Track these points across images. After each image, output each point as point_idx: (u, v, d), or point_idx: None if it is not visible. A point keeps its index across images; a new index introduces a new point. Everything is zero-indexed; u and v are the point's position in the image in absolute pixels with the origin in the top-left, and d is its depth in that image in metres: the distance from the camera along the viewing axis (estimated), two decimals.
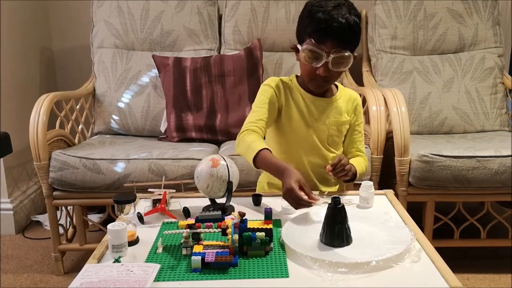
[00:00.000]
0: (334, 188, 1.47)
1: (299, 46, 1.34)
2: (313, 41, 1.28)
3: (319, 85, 1.37)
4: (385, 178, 2.04)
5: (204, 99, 2.31)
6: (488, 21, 2.50)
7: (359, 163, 1.43)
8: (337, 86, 1.47)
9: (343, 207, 1.02)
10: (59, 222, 2.09)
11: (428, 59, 2.49)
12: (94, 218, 2.37)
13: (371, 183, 1.24)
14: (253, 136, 1.31)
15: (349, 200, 1.28)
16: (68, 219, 2.18)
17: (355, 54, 1.32)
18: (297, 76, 1.45)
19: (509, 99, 2.49)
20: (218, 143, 2.27)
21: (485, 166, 1.87)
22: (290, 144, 1.42)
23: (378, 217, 1.14)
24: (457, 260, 1.98)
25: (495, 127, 2.41)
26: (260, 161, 1.24)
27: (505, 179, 1.88)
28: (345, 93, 1.46)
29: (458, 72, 2.46)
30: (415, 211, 1.72)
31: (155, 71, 2.43)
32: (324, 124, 1.41)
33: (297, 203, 1.14)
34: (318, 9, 1.27)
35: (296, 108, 1.40)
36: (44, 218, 2.53)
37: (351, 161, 1.40)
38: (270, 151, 1.27)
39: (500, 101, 2.44)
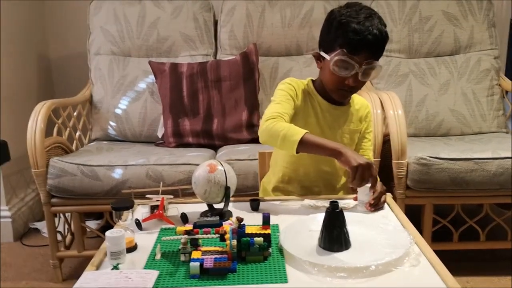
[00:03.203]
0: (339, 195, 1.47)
1: (325, 55, 1.31)
2: (346, 51, 1.25)
3: (344, 95, 1.36)
4: (383, 181, 2.00)
5: (200, 104, 2.31)
6: (484, 23, 2.51)
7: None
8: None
9: (341, 211, 1.02)
10: (57, 229, 2.09)
11: (424, 61, 2.50)
12: (92, 224, 2.36)
13: (369, 185, 1.23)
14: (286, 123, 1.25)
15: (347, 204, 1.27)
16: (66, 226, 2.18)
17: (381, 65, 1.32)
18: (312, 81, 1.42)
19: (506, 101, 2.50)
20: (215, 148, 2.27)
21: (483, 168, 1.87)
22: None
23: (376, 221, 1.14)
24: (456, 263, 1.98)
25: (492, 129, 2.42)
26: (307, 141, 1.19)
27: (503, 181, 1.88)
28: (357, 101, 1.45)
29: (454, 74, 2.47)
30: (414, 214, 1.72)
31: (151, 77, 2.44)
32: (337, 133, 1.40)
33: (369, 179, 1.13)
34: (351, 20, 1.25)
35: (313, 113, 1.38)
36: (42, 225, 2.52)
37: None
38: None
39: (497, 102, 2.45)
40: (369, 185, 1.21)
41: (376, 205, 1.23)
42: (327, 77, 1.32)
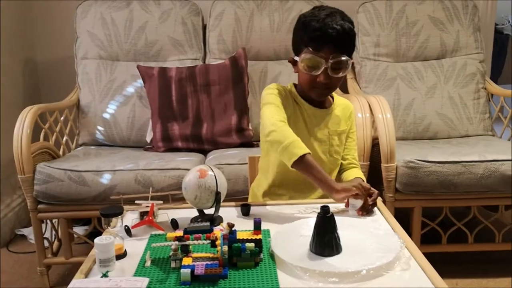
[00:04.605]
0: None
1: (296, 58, 1.35)
2: (310, 49, 1.30)
3: (321, 93, 1.38)
4: (372, 184, 2.03)
5: (189, 109, 2.31)
6: (469, 27, 2.55)
7: (360, 175, 1.44)
8: (332, 96, 1.48)
9: (332, 216, 1.02)
10: (44, 236, 2.06)
11: (411, 65, 2.53)
12: (79, 230, 2.34)
13: None
14: (295, 135, 1.28)
15: (337, 208, 1.28)
16: (53, 232, 2.15)
17: (352, 60, 1.35)
18: (294, 86, 1.45)
19: (492, 104, 2.53)
20: (205, 152, 2.26)
21: (470, 171, 1.89)
22: None
23: (367, 225, 1.14)
24: (445, 265, 1.99)
25: (479, 131, 2.44)
26: (306, 161, 1.23)
27: (491, 183, 1.90)
28: (340, 102, 1.48)
29: (441, 78, 2.49)
30: (403, 217, 1.73)
31: (140, 82, 2.42)
32: (325, 135, 1.42)
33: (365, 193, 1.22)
34: (312, 19, 1.31)
35: (301, 118, 1.41)
36: (28, 232, 2.49)
37: (351, 175, 1.43)
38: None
39: (483, 106, 2.48)
40: None
41: (367, 210, 1.24)
42: (301, 78, 1.37)
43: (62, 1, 2.74)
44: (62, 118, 2.36)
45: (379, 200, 1.32)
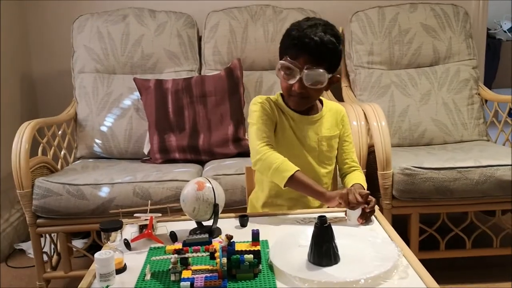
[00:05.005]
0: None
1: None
2: (288, 57, 1.33)
3: (297, 102, 1.39)
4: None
5: (186, 120, 2.32)
6: (461, 34, 2.58)
7: (361, 179, 1.44)
8: (322, 102, 1.49)
9: (329, 225, 1.03)
10: (43, 250, 2.06)
11: (405, 72, 2.55)
12: (78, 243, 2.34)
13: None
14: (281, 157, 1.33)
15: (335, 217, 1.29)
16: (52, 246, 2.15)
17: (338, 75, 1.37)
18: (282, 95, 1.47)
19: (486, 109, 2.56)
20: (202, 163, 2.27)
21: (466, 176, 1.91)
22: None
23: (364, 234, 1.15)
24: (443, 271, 2.01)
25: (474, 137, 2.46)
26: (297, 179, 1.29)
27: (487, 188, 1.92)
28: (330, 107, 1.49)
29: (435, 85, 2.52)
30: (400, 224, 1.74)
31: (136, 94, 2.44)
32: (314, 141, 1.43)
33: (356, 201, 1.21)
34: (295, 28, 1.35)
35: (288, 126, 1.42)
36: (27, 246, 2.48)
37: (352, 180, 1.44)
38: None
39: (477, 111, 2.50)
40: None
41: (366, 217, 1.25)
42: (281, 86, 1.40)
43: (59, 16, 2.76)
44: (60, 132, 2.37)
45: (376, 208, 1.33)
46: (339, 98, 2.59)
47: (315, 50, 1.29)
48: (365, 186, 1.44)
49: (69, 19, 2.60)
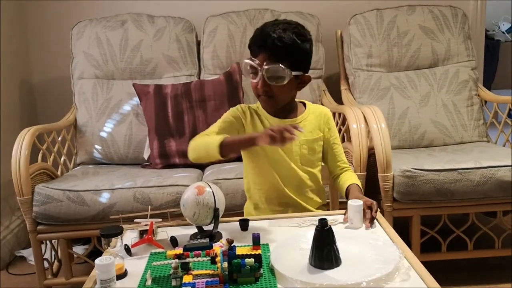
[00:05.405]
0: (317, 203, 1.48)
1: None
2: (251, 56, 1.35)
3: (265, 102, 1.40)
4: (370, 195, 2.04)
5: (186, 125, 2.32)
6: (460, 36, 2.58)
7: (354, 179, 1.44)
8: (305, 105, 1.49)
9: (330, 228, 1.03)
10: (44, 256, 2.06)
11: (404, 75, 2.55)
12: (79, 250, 2.33)
13: (361, 202, 1.23)
14: (206, 136, 1.35)
15: (335, 220, 1.28)
16: (53, 252, 2.14)
17: (308, 75, 1.37)
18: None
19: (485, 110, 2.55)
20: (202, 168, 2.27)
21: (467, 178, 1.90)
22: (265, 168, 1.42)
23: (366, 236, 1.15)
24: (445, 273, 2.00)
25: (474, 138, 2.46)
26: (226, 144, 1.26)
27: (487, 189, 1.92)
28: (313, 110, 1.48)
29: (434, 87, 2.52)
30: (402, 226, 1.74)
31: (136, 99, 2.44)
32: (296, 145, 1.41)
33: (282, 133, 1.13)
34: (258, 28, 1.38)
35: None
36: (28, 253, 2.48)
37: (345, 180, 1.43)
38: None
39: (477, 112, 2.50)
40: (359, 202, 1.22)
41: (371, 220, 1.24)
42: (251, 87, 1.40)
43: (58, 22, 2.77)
44: (59, 138, 2.37)
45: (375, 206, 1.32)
46: (339, 101, 2.59)
47: (272, 46, 1.30)
48: (359, 183, 1.43)
49: (68, 26, 2.60)
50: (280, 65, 1.30)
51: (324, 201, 1.52)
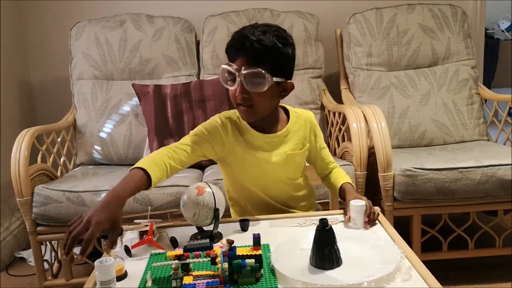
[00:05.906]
0: (310, 204, 1.47)
1: None
2: (228, 61, 1.26)
3: (244, 112, 1.28)
4: (370, 194, 2.05)
5: (185, 125, 2.31)
6: (459, 34, 2.57)
7: (345, 177, 1.42)
8: (286, 111, 1.40)
9: (331, 228, 1.02)
10: (44, 258, 2.05)
11: (404, 74, 2.55)
12: (79, 250, 2.33)
13: (363, 203, 1.21)
14: (156, 154, 1.28)
15: (336, 219, 1.28)
16: (53, 253, 2.14)
17: (290, 81, 1.29)
18: None
19: (485, 109, 2.55)
20: (202, 168, 2.27)
21: (468, 177, 1.90)
22: (248, 181, 1.37)
23: (366, 236, 1.14)
24: (446, 272, 2.00)
25: (474, 137, 2.46)
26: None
27: (488, 188, 1.91)
28: (298, 119, 1.38)
29: (434, 85, 2.51)
30: (402, 225, 1.73)
31: (135, 100, 2.43)
32: (281, 158, 1.34)
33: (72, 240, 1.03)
34: (236, 31, 1.28)
35: (248, 148, 1.33)
36: (28, 254, 2.47)
37: (336, 178, 1.41)
38: (148, 174, 1.19)
39: (477, 111, 2.49)
40: (361, 203, 1.21)
41: (371, 221, 1.23)
42: (230, 96, 1.30)
43: (57, 23, 2.76)
44: (59, 139, 2.37)
45: (377, 210, 1.32)
46: (339, 100, 2.59)
47: (251, 49, 1.20)
48: (350, 180, 1.40)
49: (67, 26, 2.60)
50: (260, 69, 1.20)
51: (315, 198, 1.51)
